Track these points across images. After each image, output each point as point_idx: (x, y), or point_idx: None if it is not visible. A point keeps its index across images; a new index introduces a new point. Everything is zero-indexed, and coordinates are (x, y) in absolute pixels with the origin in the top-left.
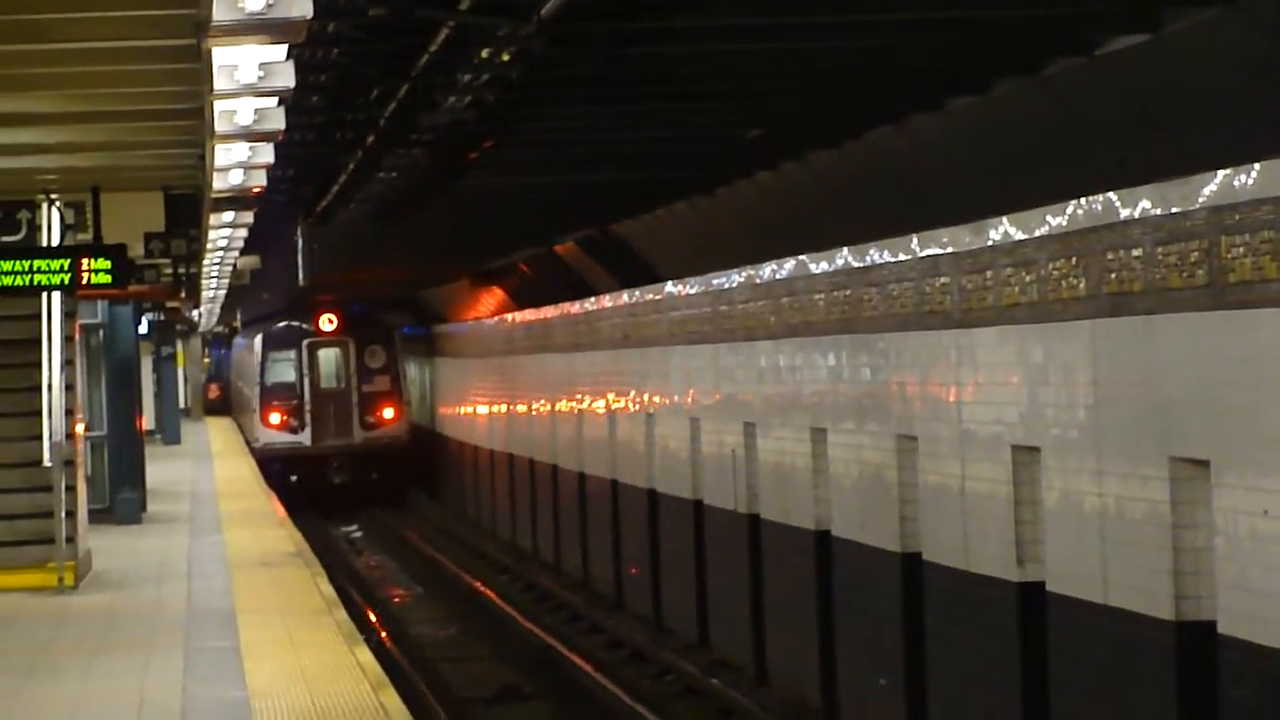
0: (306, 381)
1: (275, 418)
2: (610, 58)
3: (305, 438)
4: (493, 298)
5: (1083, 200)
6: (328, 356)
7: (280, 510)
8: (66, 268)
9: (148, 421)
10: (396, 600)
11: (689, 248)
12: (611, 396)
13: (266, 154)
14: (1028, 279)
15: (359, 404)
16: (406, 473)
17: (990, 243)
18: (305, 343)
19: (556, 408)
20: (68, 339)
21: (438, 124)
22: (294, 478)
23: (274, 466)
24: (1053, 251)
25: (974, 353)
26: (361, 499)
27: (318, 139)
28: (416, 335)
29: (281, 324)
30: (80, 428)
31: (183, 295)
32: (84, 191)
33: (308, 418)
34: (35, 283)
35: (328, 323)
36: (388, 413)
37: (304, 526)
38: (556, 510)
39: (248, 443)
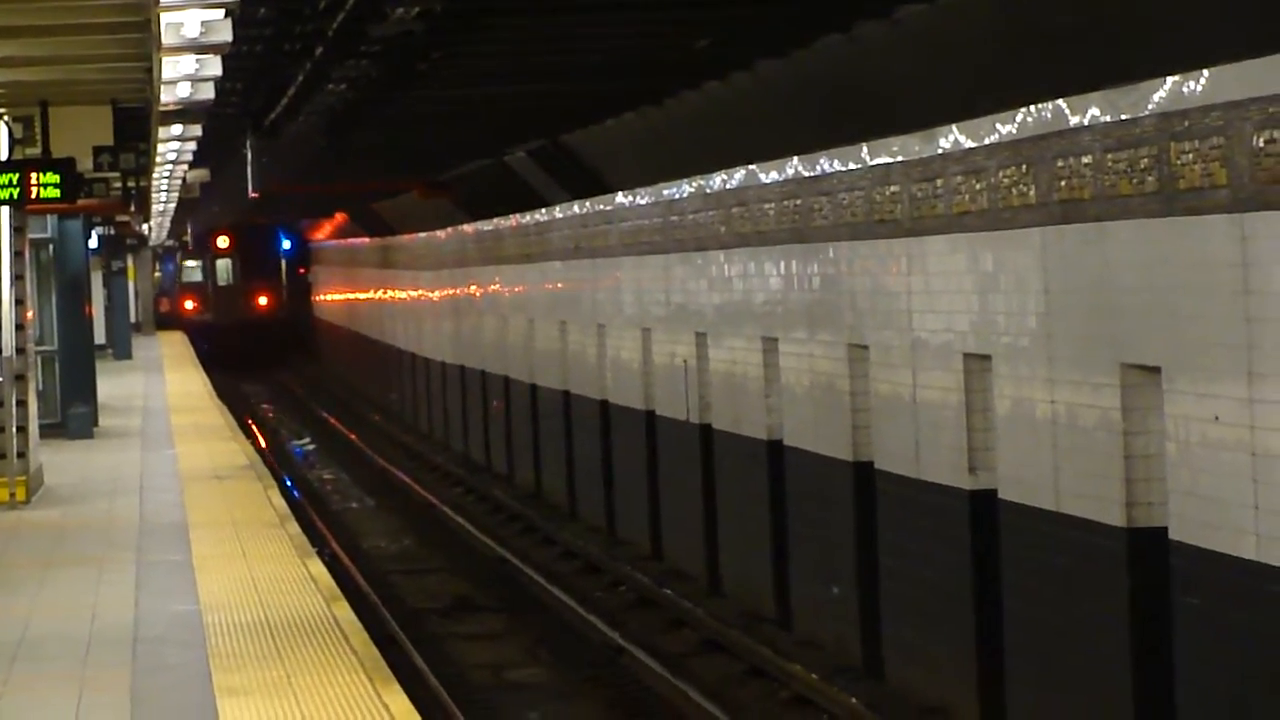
0: (210, 281)
1: (189, 304)
2: None
3: (209, 316)
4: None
5: (1032, 108)
6: (223, 264)
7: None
8: (15, 182)
9: (98, 336)
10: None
11: (639, 158)
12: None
13: (214, 66)
14: (978, 187)
15: (244, 294)
16: (281, 341)
17: (940, 151)
18: (208, 255)
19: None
20: (17, 254)
21: (386, 35)
22: (205, 346)
23: (191, 335)
24: (1003, 159)
25: (925, 261)
26: (249, 357)
27: (266, 51)
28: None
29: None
30: (29, 315)
31: (132, 209)
32: (32, 105)
33: (211, 303)
34: None
35: (223, 241)
36: (263, 300)
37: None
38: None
39: (174, 320)
